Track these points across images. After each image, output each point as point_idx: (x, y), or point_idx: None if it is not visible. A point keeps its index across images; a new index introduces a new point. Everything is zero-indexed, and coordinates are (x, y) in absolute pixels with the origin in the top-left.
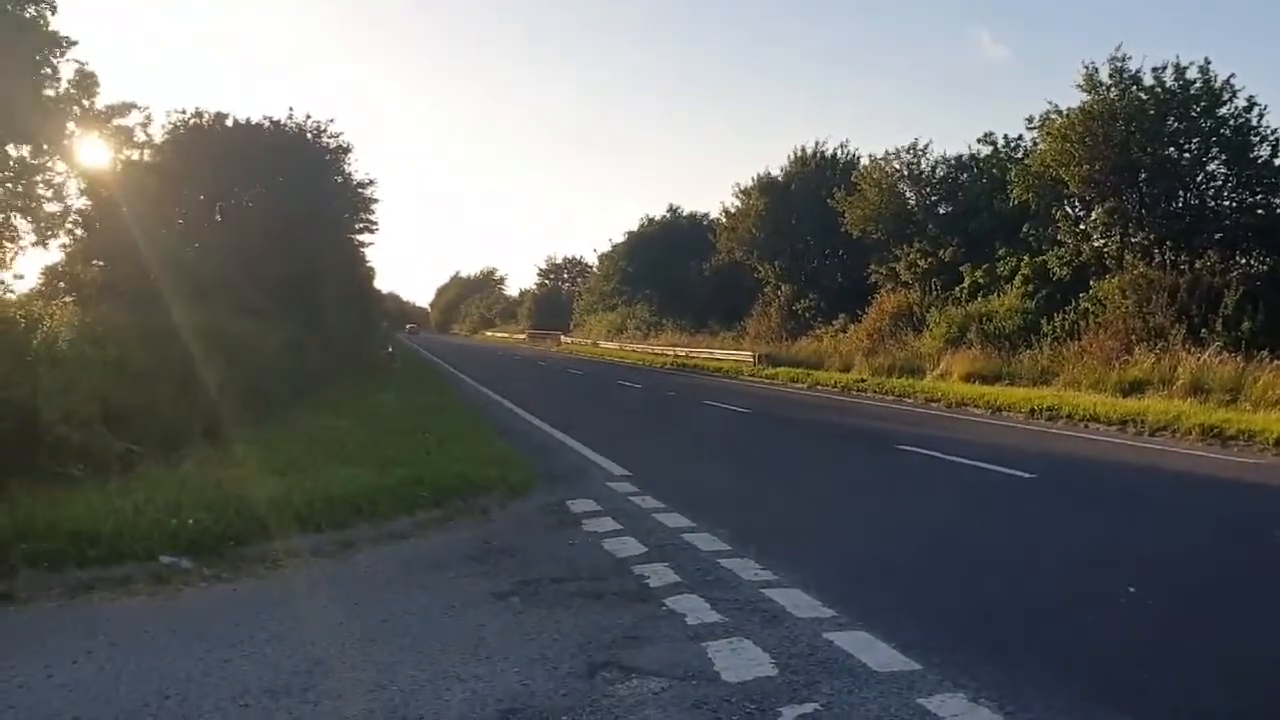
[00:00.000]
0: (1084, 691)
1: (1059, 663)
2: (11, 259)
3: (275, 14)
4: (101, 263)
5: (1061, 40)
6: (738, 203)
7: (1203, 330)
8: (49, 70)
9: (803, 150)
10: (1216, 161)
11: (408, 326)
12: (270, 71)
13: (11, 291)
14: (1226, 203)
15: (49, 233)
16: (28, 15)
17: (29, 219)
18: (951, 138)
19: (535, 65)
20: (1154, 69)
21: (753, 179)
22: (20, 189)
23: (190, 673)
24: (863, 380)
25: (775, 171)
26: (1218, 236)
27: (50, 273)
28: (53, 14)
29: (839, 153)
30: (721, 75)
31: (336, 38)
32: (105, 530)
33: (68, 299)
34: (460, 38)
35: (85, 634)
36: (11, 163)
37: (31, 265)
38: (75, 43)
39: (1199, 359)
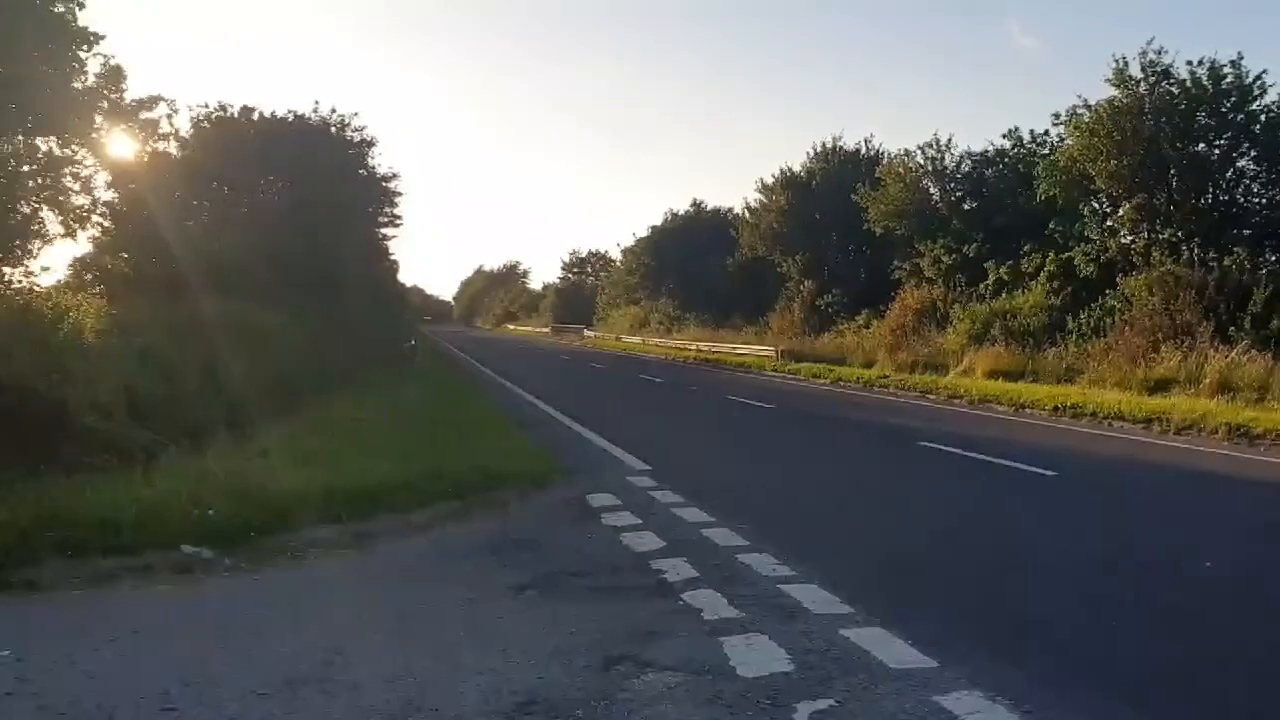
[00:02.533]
0: (1100, 691)
1: (1076, 662)
2: (39, 251)
3: (296, 4)
4: (128, 255)
5: (1093, 30)
6: (761, 199)
7: (1231, 328)
8: (77, 65)
9: (823, 146)
10: (1247, 158)
11: (425, 318)
12: (292, 63)
13: (37, 285)
14: (1256, 199)
15: (76, 225)
16: (56, 10)
17: (56, 211)
18: (980, 130)
19: (560, 59)
20: (1189, 63)
21: (774, 175)
22: (48, 181)
23: (210, 661)
24: (885, 376)
25: (797, 167)
26: (1247, 233)
27: (78, 265)
28: (80, 9)
29: (862, 148)
30: (745, 69)
31: (361, 29)
32: (129, 519)
33: (95, 291)
34: (486, 30)
35: (108, 622)
36: (40, 155)
37: (59, 258)
38: (103, 37)
39: (1227, 357)
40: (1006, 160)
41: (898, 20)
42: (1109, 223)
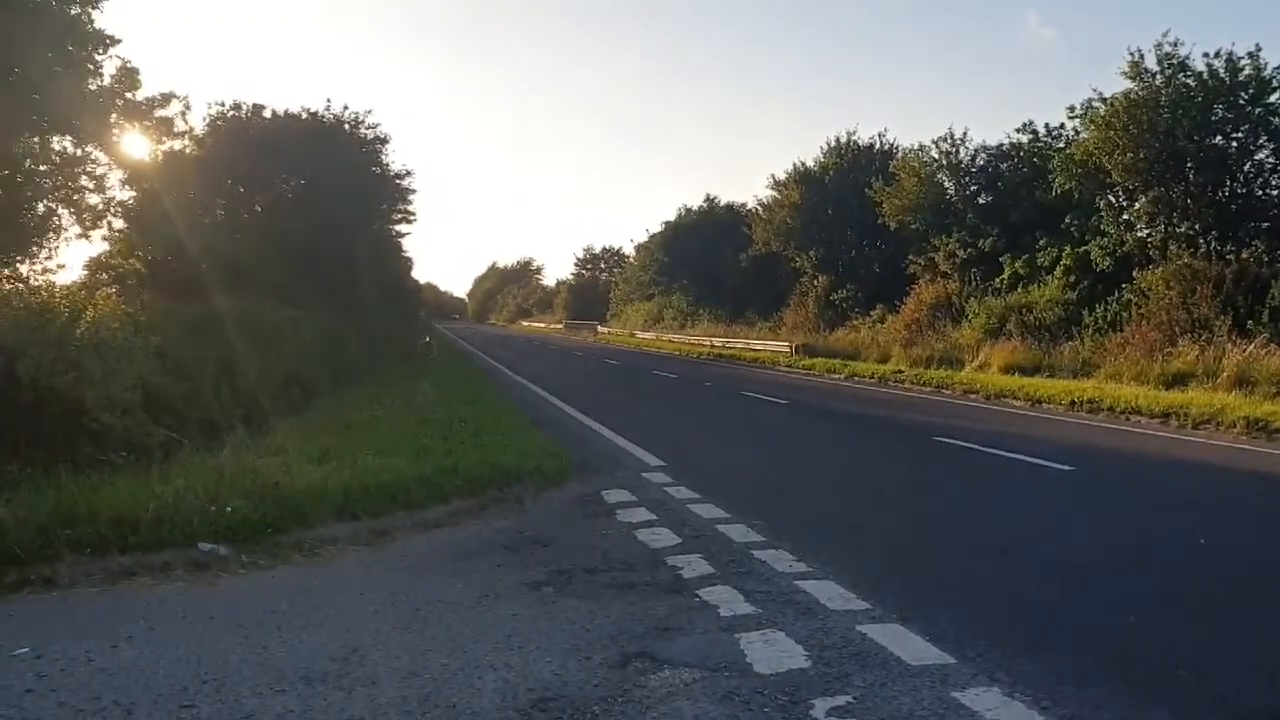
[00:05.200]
0: (1119, 687)
1: (1094, 658)
2: (55, 250)
3: (301, 6)
4: (144, 253)
5: (1113, 21)
6: (775, 194)
7: (1249, 322)
8: (92, 66)
9: (837, 140)
10: (1265, 150)
11: (454, 316)
12: (305, 59)
13: (53, 284)
14: (1274, 191)
15: (91, 224)
16: (73, 13)
17: (71, 210)
18: (995, 124)
19: (573, 55)
20: (1205, 55)
21: (786, 171)
22: (64, 181)
23: (228, 658)
24: (900, 371)
25: (810, 162)
26: (1265, 226)
27: (94, 263)
28: (95, 10)
29: (876, 142)
30: (758, 64)
31: (374, 24)
32: (146, 517)
33: (111, 289)
34: (499, 27)
35: (125, 619)
36: (55, 155)
37: (76, 256)
38: (119, 40)
39: (1245, 351)
40: (1022, 154)
41: (913, 13)
42: (1125, 216)
